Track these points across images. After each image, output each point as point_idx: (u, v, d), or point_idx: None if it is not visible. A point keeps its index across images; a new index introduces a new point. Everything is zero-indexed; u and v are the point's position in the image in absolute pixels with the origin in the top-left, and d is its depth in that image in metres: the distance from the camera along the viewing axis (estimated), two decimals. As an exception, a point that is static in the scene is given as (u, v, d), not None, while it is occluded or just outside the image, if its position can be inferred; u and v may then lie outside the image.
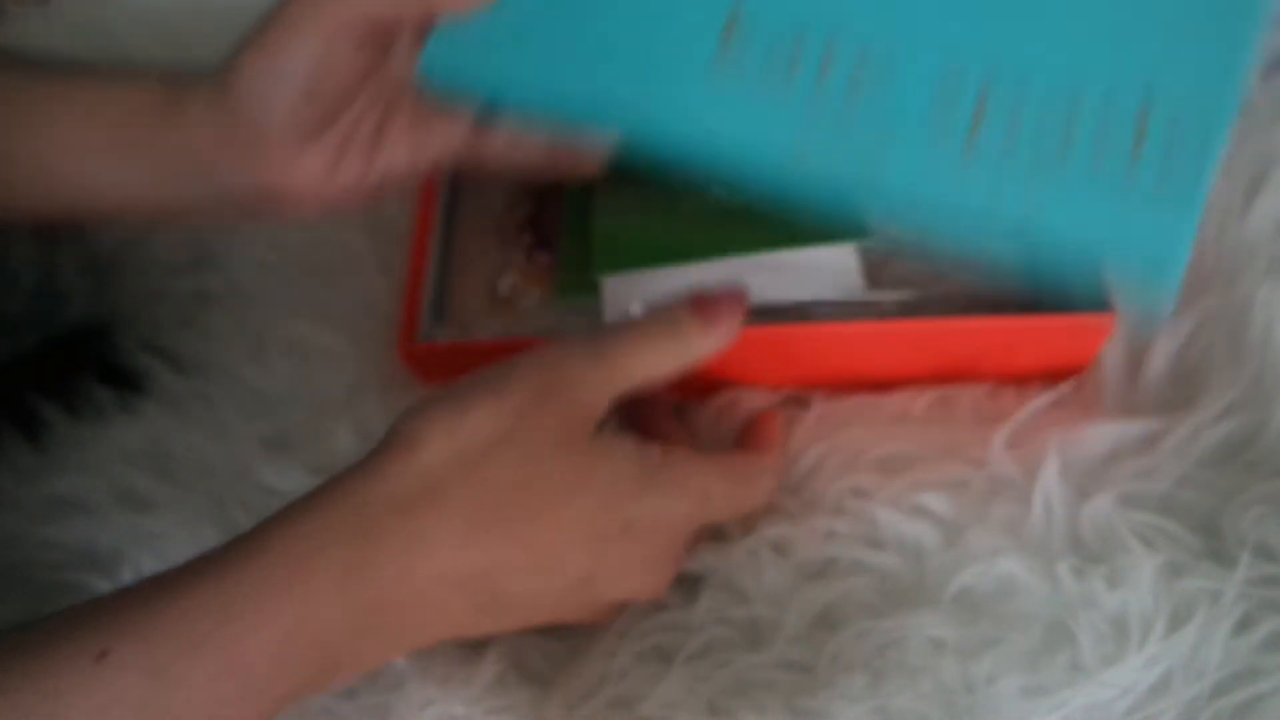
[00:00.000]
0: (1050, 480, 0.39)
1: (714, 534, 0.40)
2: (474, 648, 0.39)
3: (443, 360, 0.44)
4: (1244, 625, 0.35)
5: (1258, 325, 0.41)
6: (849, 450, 0.42)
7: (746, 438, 0.40)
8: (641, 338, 0.33)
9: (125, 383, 0.50)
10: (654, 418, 0.40)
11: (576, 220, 0.45)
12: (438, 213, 0.47)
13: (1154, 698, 0.34)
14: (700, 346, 0.34)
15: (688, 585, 0.40)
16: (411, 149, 0.39)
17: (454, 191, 0.49)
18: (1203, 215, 0.44)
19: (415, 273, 0.45)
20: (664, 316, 0.34)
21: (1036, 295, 0.39)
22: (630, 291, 0.40)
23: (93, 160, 0.37)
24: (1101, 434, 0.40)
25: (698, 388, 0.41)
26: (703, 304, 0.34)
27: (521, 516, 0.31)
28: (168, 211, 0.39)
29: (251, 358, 0.50)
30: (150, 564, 0.42)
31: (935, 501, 0.40)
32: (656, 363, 0.34)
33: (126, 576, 0.42)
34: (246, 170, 0.37)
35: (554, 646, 0.39)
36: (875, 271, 0.41)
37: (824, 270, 0.40)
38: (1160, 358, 0.42)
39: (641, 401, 0.37)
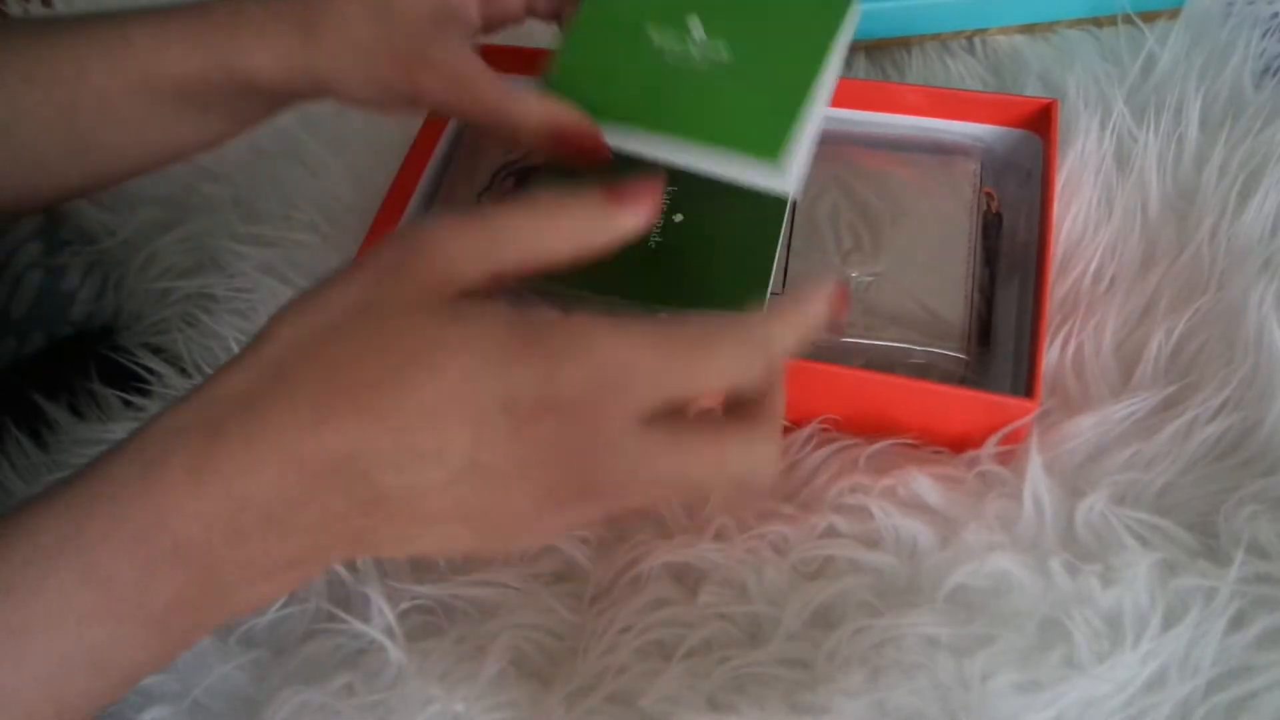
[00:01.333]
0: (1038, 478, 0.39)
1: (715, 533, 0.40)
2: (475, 645, 0.39)
3: None
4: (1238, 622, 0.36)
5: (1251, 325, 0.42)
6: (846, 452, 0.42)
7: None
8: (526, 207, 0.29)
9: (128, 383, 0.51)
10: None
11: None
12: (423, 173, 0.49)
13: (1148, 694, 0.35)
14: (601, 225, 0.30)
15: (688, 581, 0.40)
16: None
17: (445, 162, 0.50)
18: (1197, 215, 0.45)
19: (381, 221, 0.46)
20: (559, 194, 0.30)
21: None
22: None
23: (164, 124, 0.39)
24: (1093, 433, 0.41)
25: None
26: (615, 187, 0.30)
27: (370, 387, 0.27)
28: (242, 133, 0.41)
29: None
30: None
31: (930, 501, 0.40)
32: (543, 237, 0.30)
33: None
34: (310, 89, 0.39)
35: (554, 643, 0.40)
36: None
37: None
38: (1154, 356, 0.42)
39: None
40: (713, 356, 0.28)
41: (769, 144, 0.36)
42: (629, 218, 0.30)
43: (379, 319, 0.28)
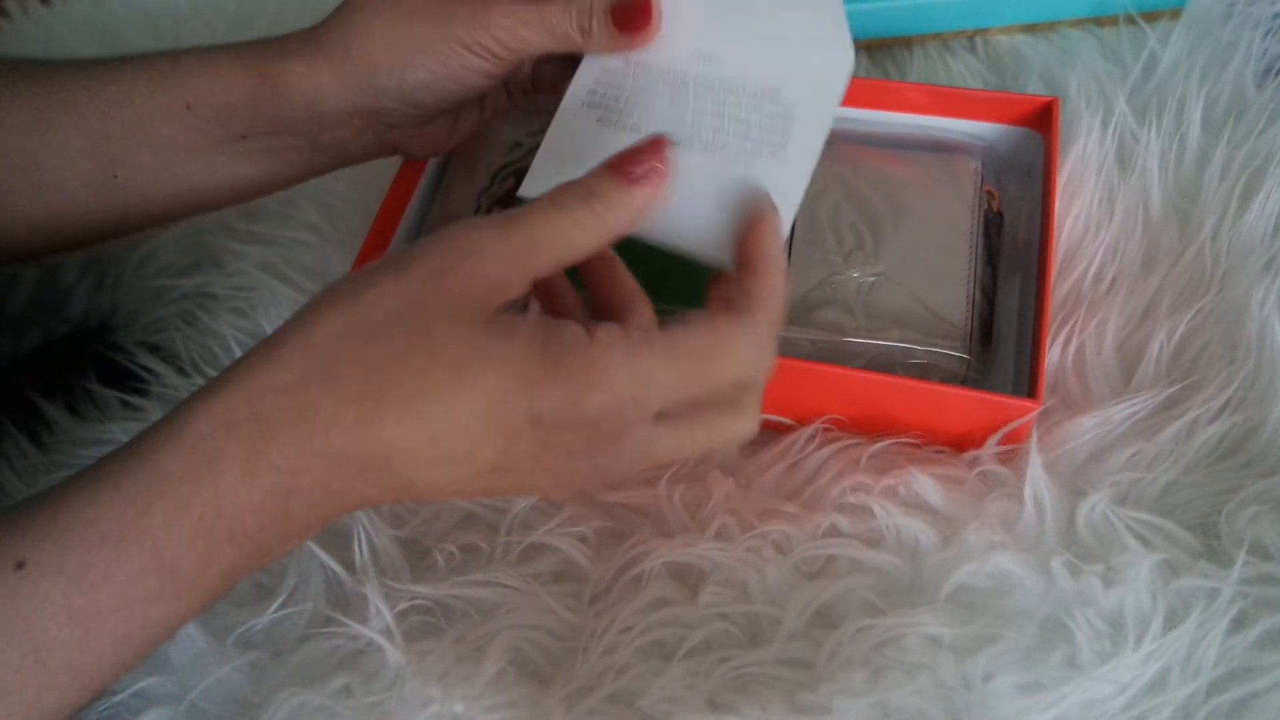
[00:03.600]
0: (1039, 478, 0.39)
1: (716, 533, 0.40)
2: (474, 646, 0.39)
3: None
4: (1240, 623, 0.36)
5: (1253, 325, 0.41)
6: (847, 451, 0.42)
7: (715, 292, 0.32)
8: (555, 208, 0.30)
9: (126, 382, 0.50)
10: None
11: None
12: (424, 172, 0.49)
13: (1150, 695, 0.35)
14: (622, 210, 0.31)
15: (689, 581, 0.40)
16: (504, 91, 0.42)
17: (444, 163, 0.50)
18: (1199, 216, 0.45)
19: (384, 216, 0.47)
20: (579, 183, 0.31)
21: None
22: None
23: (196, 156, 0.39)
24: (1094, 433, 0.41)
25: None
26: (621, 159, 0.31)
27: (414, 391, 0.28)
28: (288, 183, 0.41)
29: (252, 357, 0.50)
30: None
31: (932, 501, 0.40)
32: (574, 235, 0.30)
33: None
34: (373, 142, 0.40)
35: (553, 643, 0.39)
36: (800, 310, 0.42)
37: None
38: (1155, 356, 0.42)
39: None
40: (726, 361, 0.31)
41: None
42: (645, 190, 0.31)
43: (424, 323, 0.29)
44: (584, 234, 0.30)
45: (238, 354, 0.49)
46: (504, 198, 0.48)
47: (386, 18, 0.37)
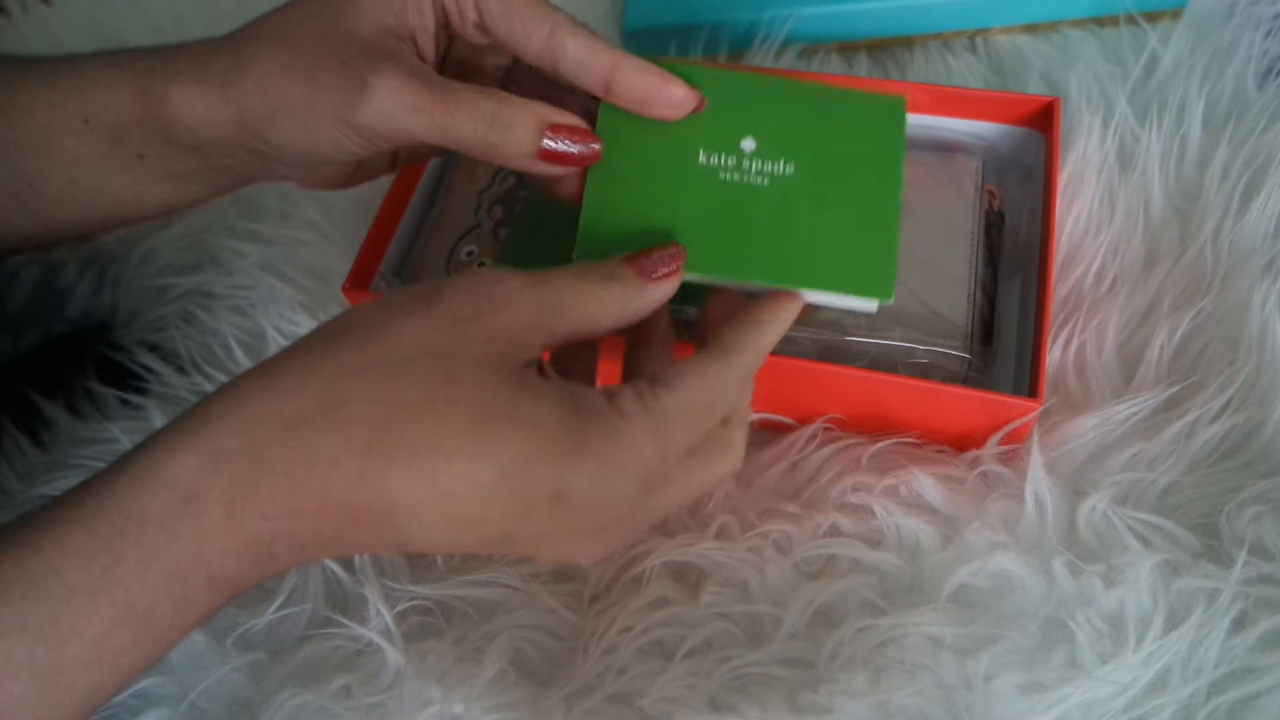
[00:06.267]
0: (1040, 478, 0.39)
1: (716, 532, 0.40)
2: (473, 646, 0.39)
3: None
4: (1241, 624, 0.36)
5: (1254, 325, 0.41)
6: (848, 451, 0.42)
7: (713, 336, 0.32)
8: (579, 279, 0.30)
9: (126, 381, 0.50)
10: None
11: (532, 214, 0.45)
12: (425, 172, 0.49)
13: (1151, 695, 0.35)
14: (637, 301, 0.31)
15: (689, 581, 0.40)
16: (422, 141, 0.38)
17: (445, 162, 0.50)
18: (1200, 216, 0.45)
19: (384, 215, 0.46)
20: (602, 266, 0.31)
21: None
22: None
23: (100, 172, 0.35)
24: (1095, 433, 0.41)
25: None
26: (642, 261, 0.31)
27: (430, 442, 0.26)
28: (199, 202, 0.38)
29: (252, 356, 0.50)
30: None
31: (932, 500, 0.40)
32: (594, 308, 0.30)
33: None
34: (259, 171, 0.36)
35: (554, 643, 0.39)
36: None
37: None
38: (1156, 357, 0.42)
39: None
40: (721, 404, 0.31)
41: (879, 283, 0.33)
42: (658, 290, 0.31)
43: (447, 366, 0.27)
44: (604, 309, 0.30)
45: (238, 353, 0.49)
46: (505, 196, 0.48)
47: (265, 65, 0.32)
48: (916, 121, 0.48)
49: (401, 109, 0.31)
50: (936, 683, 0.35)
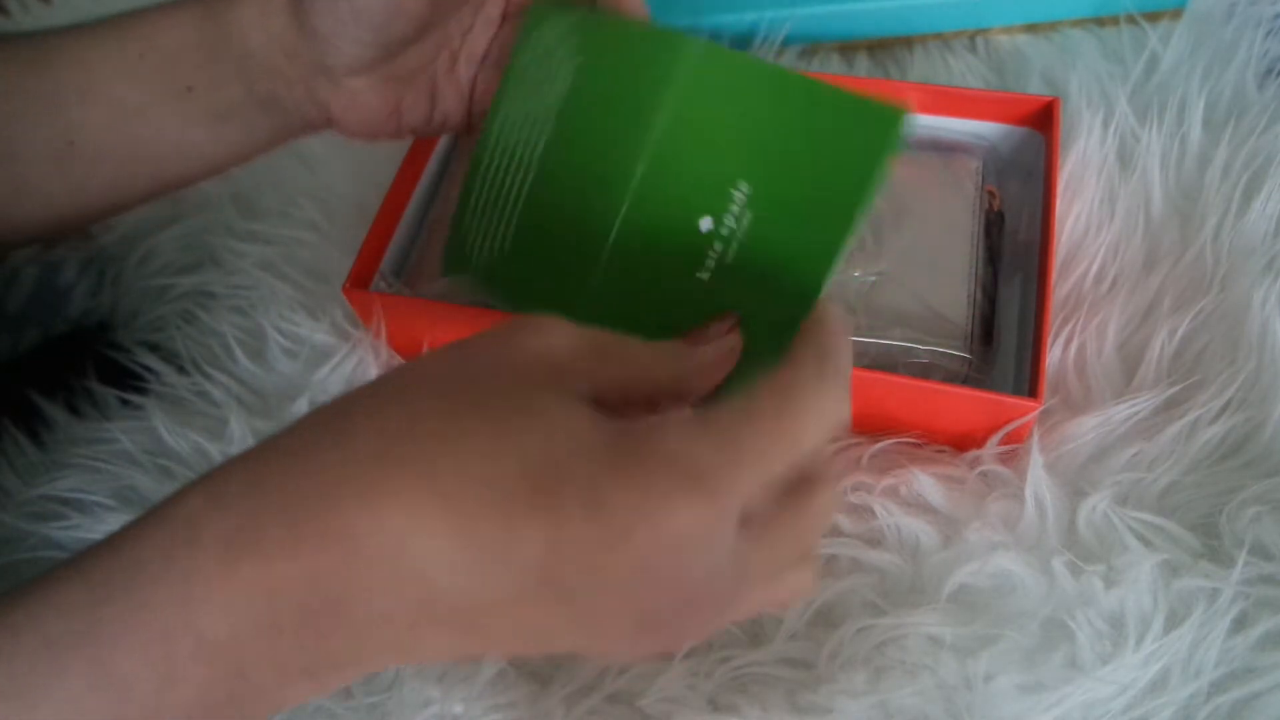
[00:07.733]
0: (1040, 478, 0.39)
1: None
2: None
3: (368, 306, 0.45)
4: (1241, 624, 0.36)
5: (1254, 325, 0.41)
6: (848, 451, 0.42)
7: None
8: (624, 343, 0.28)
9: (126, 381, 0.50)
10: None
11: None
12: (425, 171, 0.49)
13: (1151, 695, 0.35)
14: (690, 357, 0.29)
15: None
16: (465, 104, 0.40)
17: (447, 159, 0.50)
18: (1200, 216, 0.45)
19: (385, 215, 0.46)
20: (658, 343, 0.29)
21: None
22: None
23: (143, 118, 0.36)
24: (1095, 433, 0.41)
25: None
26: (697, 338, 0.30)
27: (443, 448, 0.23)
28: (237, 156, 0.39)
29: (252, 356, 0.50)
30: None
31: (932, 500, 0.40)
32: (640, 350, 0.28)
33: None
34: (306, 100, 0.37)
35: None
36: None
37: None
38: (1156, 357, 0.42)
39: None
40: (804, 419, 0.25)
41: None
42: (710, 350, 0.29)
43: (472, 375, 0.25)
44: (654, 356, 0.28)
45: (238, 353, 0.49)
46: None
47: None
48: (916, 122, 0.48)
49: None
50: (936, 683, 0.35)
